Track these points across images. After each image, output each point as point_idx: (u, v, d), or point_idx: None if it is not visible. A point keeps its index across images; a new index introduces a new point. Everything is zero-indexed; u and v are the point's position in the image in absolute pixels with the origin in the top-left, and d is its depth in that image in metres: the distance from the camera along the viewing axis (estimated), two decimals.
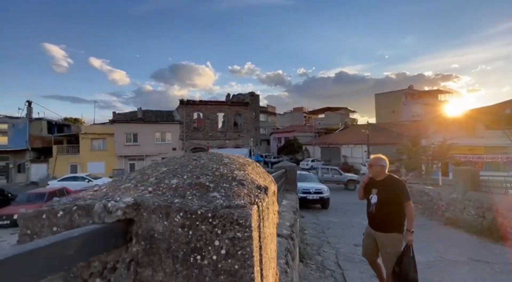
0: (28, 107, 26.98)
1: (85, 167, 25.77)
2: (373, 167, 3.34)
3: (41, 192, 13.37)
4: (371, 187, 3.36)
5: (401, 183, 3.25)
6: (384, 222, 3.16)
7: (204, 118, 30.07)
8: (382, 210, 3.14)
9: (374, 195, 3.25)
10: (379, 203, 3.17)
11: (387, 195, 3.14)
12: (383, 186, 3.21)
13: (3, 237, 10.32)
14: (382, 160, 3.36)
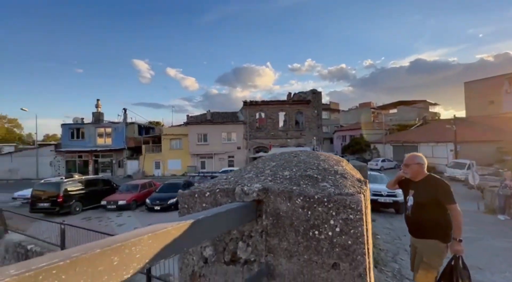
0: (124, 114, 32.87)
1: (166, 164, 29.84)
2: (410, 166, 2.94)
3: (135, 184, 16.18)
4: (408, 188, 2.99)
5: (443, 183, 2.78)
6: (421, 226, 2.78)
7: (266, 118, 30.90)
8: (419, 214, 2.78)
9: (410, 197, 2.90)
10: (416, 205, 2.81)
11: (425, 196, 2.75)
12: (421, 187, 2.83)
13: (111, 218, 12.96)
14: (419, 158, 2.96)
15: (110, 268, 0.38)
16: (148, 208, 13.59)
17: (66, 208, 12.89)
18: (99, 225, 11.00)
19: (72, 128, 30.00)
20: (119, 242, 0.40)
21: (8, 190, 19.79)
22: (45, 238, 9.03)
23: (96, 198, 14.50)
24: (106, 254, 0.37)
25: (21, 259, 8.61)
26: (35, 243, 8.63)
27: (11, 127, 50.76)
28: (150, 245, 0.44)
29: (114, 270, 0.38)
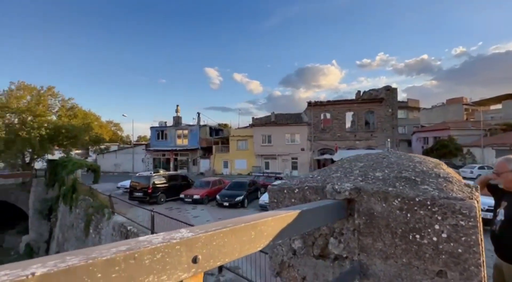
0: (198, 117, 36.58)
1: (233, 163, 31.83)
2: (502, 174, 2.29)
3: (207, 181, 17.81)
4: (499, 198, 2.37)
5: None
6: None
7: (331, 119, 29.55)
8: (511, 233, 2.15)
9: (501, 210, 2.28)
10: (507, 221, 2.19)
11: None
12: None
13: (188, 210, 14.63)
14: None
15: (249, 239, 0.50)
16: (218, 203, 14.77)
17: (154, 198, 15.19)
18: (179, 215, 12.53)
19: (158, 131, 35.17)
20: (253, 221, 0.52)
21: (114, 180, 24.58)
22: (139, 222, 10.88)
23: (176, 191, 16.60)
24: (248, 228, 0.50)
25: (123, 236, 10.57)
26: (132, 225, 10.50)
27: (115, 130, 62.93)
28: (273, 227, 0.55)
29: (252, 242, 0.51)
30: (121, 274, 0.31)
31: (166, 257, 0.36)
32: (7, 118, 24.99)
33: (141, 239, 0.37)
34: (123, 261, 0.31)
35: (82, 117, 30.61)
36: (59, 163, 22.66)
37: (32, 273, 0.25)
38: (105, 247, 0.33)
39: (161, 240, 0.38)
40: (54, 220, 20.45)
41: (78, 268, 0.27)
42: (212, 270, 6.15)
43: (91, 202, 14.03)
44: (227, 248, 0.46)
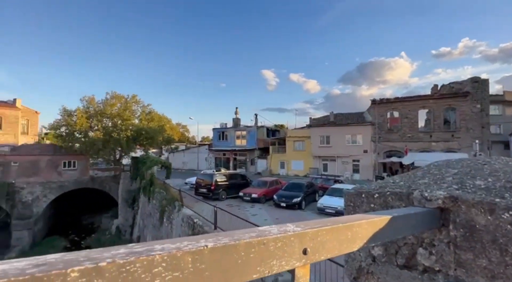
0: (255, 119, 37.71)
1: (289, 164, 31.70)
2: None
3: (265, 180, 18.19)
4: None
5: None
6: None
7: (400, 117, 26.53)
8: None
9: None
10: None
11: None
12: None
13: (246, 208, 15.22)
14: None
15: (347, 239, 0.53)
16: (275, 203, 14.93)
17: (216, 195, 16.32)
18: (238, 212, 13.15)
19: (219, 132, 37.66)
20: (349, 222, 0.55)
21: (182, 177, 27.39)
22: (204, 215, 11.86)
23: (236, 189, 17.47)
24: (345, 229, 0.53)
25: (191, 227, 11.70)
26: (198, 218, 11.52)
27: (183, 131, 70.04)
28: (366, 229, 0.56)
29: (349, 242, 0.54)
30: (255, 255, 0.40)
31: (284, 246, 0.43)
32: (103, 122, 30.54)
33: (262, 229, 0.46)
34: (257, 244, 0.41)
35: (158, 121, 35.12)
36: (140, 160, 26.51)
37: (205, 245, 0.36)
38: (240, 232, 0.43)
39: (277, 231, 0.45)
40: (136, 209, 24.00)
41: (230, 246, 0.37)
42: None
43: (164, 195, 15.97)
44: (328, 245, 0.50)
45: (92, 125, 29.75)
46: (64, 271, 0.26)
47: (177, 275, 0.32)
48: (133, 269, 0.29)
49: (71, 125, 28.80)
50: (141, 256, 0.30)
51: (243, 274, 0.38)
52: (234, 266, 0.38)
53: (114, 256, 0.29)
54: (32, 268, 0.25)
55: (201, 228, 10.76)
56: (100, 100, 30.87)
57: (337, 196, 13.84)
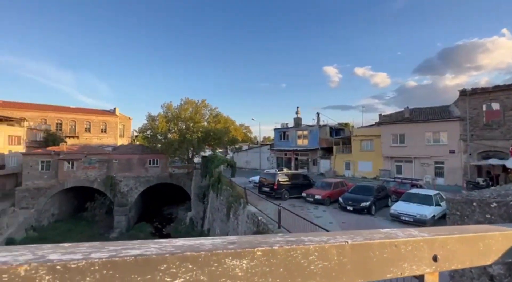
0: (317, 118, 36.48)
1: (356, 165, 29.50)
2: None
3: (329, 182, 17.42)
4: None
5: None
6: None
7: (501, 110, 21.55)
8: None
9: None
10: None
11: None
12: None
13: (310, 209, 14.86)
14: None
15: (478, 251, 0.50)
16: (341, 206, 14.14)
17: (279, 194, 16.47)
18: (301, 213, 12.96)
19: (280, 132, 37.90)
20: (480, 232, 0.51)
21: (246, 175, 28.65)
22: (267, 214, 12.13)
23: (298, 190, 17.28)
24: (476, 239, 0.50)
25: (255, 224, 12.14)
26: (262, 216, 11.86)
27: (246, 132, 73.24)
28: (501, 242, 0.50)
29: (481, 254, 0.50)
30: (388, 255, 0.42)
31: (414, 250, 0.44)
32: (179, 125, 34.56)
33: (387, 231, 0.47)
34: (389, 246, 0.42)
35: (224, 123, 37.77)
36: (209, 159, 28.93)
37: (345, 241, 0.40)
38: (367, 232, 0.45)
39: (403, 235, 0.46)
40: (206, 203, 26.29)
41: (366, 244, 0.40)
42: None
43: (231, 192, 17.02)
44: (459, 254, 0.48)
45: (170, 128, 34.03)
46: (252, 250, 0.35)
47: (326, 264, 0.37)
48: (295, 254, 0.37)
49: (154, 128, 33.61)
50: (299, 245, 0.37)
51: (379, 272, 0.41)
52: (370, 263, 0.40)
53: (278, 242, 0.38)
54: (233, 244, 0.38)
55: (265, 226, 11.05)
56: (176, 106, 35.06)
57: (416, 202, 12.19)
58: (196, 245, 0.36)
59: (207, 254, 0.33)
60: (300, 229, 9.29)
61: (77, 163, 31.22)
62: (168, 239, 0.41)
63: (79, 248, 0.34)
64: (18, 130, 36.26)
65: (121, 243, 0.38)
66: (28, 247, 0.35)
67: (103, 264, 0.30)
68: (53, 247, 0.34)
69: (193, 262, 0.32)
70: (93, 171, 31.84)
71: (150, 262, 0.31)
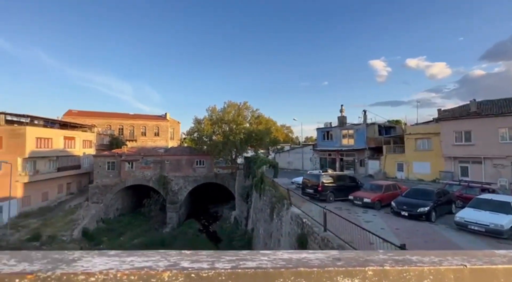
0: (364, 115, 34.24)
1: (410, 166, 26.81)
2: None
3: (379, 184, 16.16)
4: None
5: None
6: None
7: None
8: None
9: None
10: None
11: None
12: None
13: (358, 213, 13.96)
14: None
15: None
16: (393, 211, 12.98)
17: (323, 196, 15.89)
18: (349, 216, 12.25)
19: (324, 132, 36.59)
20: None
21: (288, 176, 28.35)
22: (312, 216, 11.79)
23: (344, 192, 16.42)
24: None
25: (299, 226, 11.91)
26: (307, 218, 11.57)
27: (287, 132, 72.62)
28: None
29: None
30: None
31: None
32: (223, 127, 35.98)
33: (505, 253, 0.43)
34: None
35: (265, 124, 38.08)
36: (251, 160, 29.44)
37: (463, 264, 0.35)
38: (483, 253, 0.40)
39: None
40: (250, 203, 26.79)
41: (490, 270, 0.35)
42: None
43: (274, 193, 17.03)
44: None
45: (214, 130, 35.66)
46: (363, 269, 0.35)
47: None
48: (408, 276, 0.35)
49: (200, 131, 35.62)
50: (411, 265, 0.35)
51: None
52: None
53: (385, 260, 0.36)
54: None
55: (310, 228, 10.76)
56: (220, 109, 36.61)
57: (488, 209, 10.51)
58: (304, 260, 0.36)
59: (319, 271, 0.33)
60: (348, 234, 8.78)
61: (136, 164, 34.82)
62: (272, 251, 0.41)
63: (200, 256, 0.37)
64: (90, 135, 42.05)
65: (232, 253, 0.40)
66: (159, 253, 0.39)
67: (228, 275, 0.32)
68: (178, 254, 0.38)
69: (307, 278, 0.32)
70: (148, 171, 35.14)
71: (268, 275, 0.32)
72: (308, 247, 10.42)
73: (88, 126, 44.58)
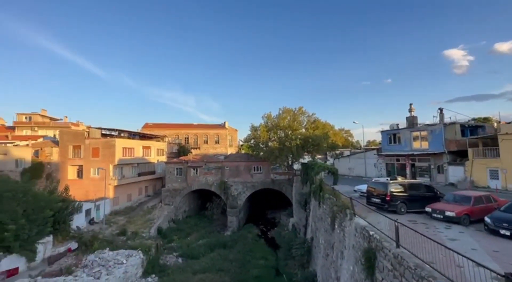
0: (440, 114, 29.68)
1: (509, 174, 21.84)
2: None
3: (467, 195, 13.57)
4: None
5: None
6: None
7: None
8: None
9: None
10: None
11: None
12: None
13: (439, 228, 11.94)
14: None
15: None
16: (489, 229, 10.69)
17: (393, 207, 14.21)
18: (426, 232, 10.61)
19: (390, 134, 33.07)
20: None
21: (349, 183, 26.48)
22: (380, 229, 10.62)
23: (418, 203, 14.37)
24: None
25: (366, 239, 10.88)
26: (374, 231, 10.47)
27: (346, 136, 68.32)
28: None
29: None
30: None
31: None
32: (278, 133, 36.14)
33: None
34: None
35: (322, 128, 36.70)
36: (308, 166, 28.59)
37: None
38: None
39: None
40: (308, 211, 25.95)
41: None
42: None
43: (334, 201, 16.09)
44: None
45: (270, 137, 36.09)
46: None
47: None
48: None
49: (256, 138, 36.54)
50: None
51: None
52: None
53: None
54: None
55: (378, 243, 9.71)
56: (275, 115, 36.96)
57: None
58: None
59: None
60: (427, 253, 7.54)
61: (200, 170, 37.83)
62: None
63: None
64: (162, 144, 47.76)
65: None
66: None
67: None
68: None
69: None
70: (210, 176, 37.71)
71: None
72: (378, 264, 9.40)
73: (161, 137, 50.79)
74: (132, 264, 19.77)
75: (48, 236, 20.81)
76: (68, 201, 24.45)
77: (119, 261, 19.39)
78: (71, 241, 22.67)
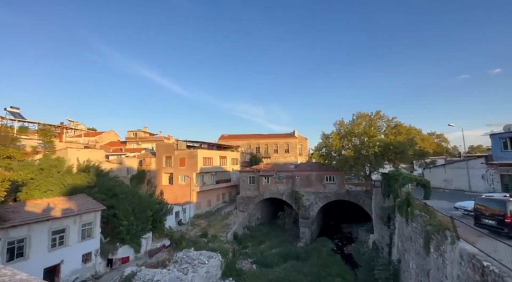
0: None
1: None
2: None
3: None
4: None
5: None
6: None
7: None
8: None
9: None
10: None
11: None
12: None
13: None
14: None
15: None
16: None
17: None
18: None
19: (504, 138, 26.22)
20: None
21: (446, 198, 22.07)
22: (499, 260, 8.34)
23: None
24: None
25: (478, 271, 8.74)
26: (491, 262, 8.31)
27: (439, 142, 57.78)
28: None
29: None
30: None
31: None
32: (353, 141, 33.57)
33: None
34: None
35: (406, 134, 32.17)
36: (391, 176, 25.32)
37: None
38: None
39: None
40: (392, 228, 22.83)
41: None
42: None
43: (428, 220, 13.66)
44: None
45: (343, 144, 33.86)
46: None
47: None
48: None
49: (328, 146, 34.87)
50: None
51: None
52: None
53: None
54: None
55: (498, 278, 7.64)
56: (348, 122, 34.62)
57: None
58: None
59: None
60: None
61: (271, 178, 38.55)
62: None
63: None
64: (236, 154, 51.12)
65: None
66: None
67: None
68: None
69: None
70: (281, 185, 37.89)
71: None
72: None
73: (234, 147, 54.50)
74: (212, 265, 21.46)
75: (149, 233, 24.87)
76: (163, 203, 28.77)
77: (202, 260, 21.35)
78: (165, 239, 26.40)
